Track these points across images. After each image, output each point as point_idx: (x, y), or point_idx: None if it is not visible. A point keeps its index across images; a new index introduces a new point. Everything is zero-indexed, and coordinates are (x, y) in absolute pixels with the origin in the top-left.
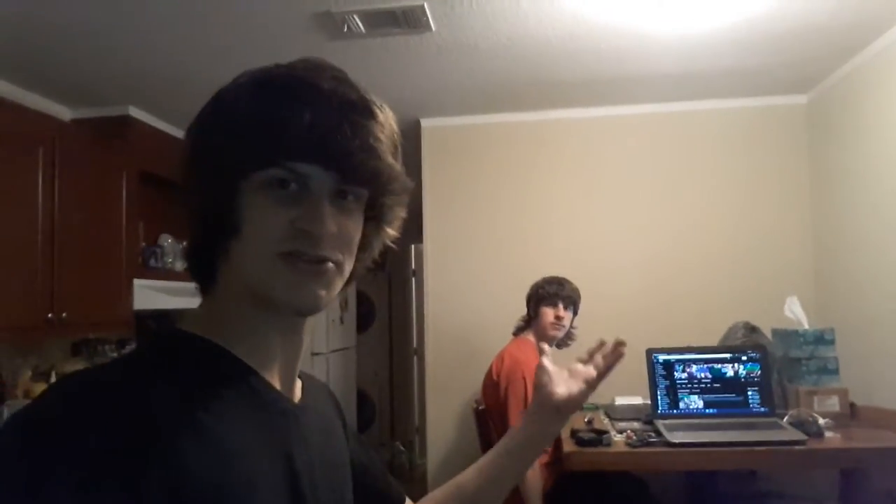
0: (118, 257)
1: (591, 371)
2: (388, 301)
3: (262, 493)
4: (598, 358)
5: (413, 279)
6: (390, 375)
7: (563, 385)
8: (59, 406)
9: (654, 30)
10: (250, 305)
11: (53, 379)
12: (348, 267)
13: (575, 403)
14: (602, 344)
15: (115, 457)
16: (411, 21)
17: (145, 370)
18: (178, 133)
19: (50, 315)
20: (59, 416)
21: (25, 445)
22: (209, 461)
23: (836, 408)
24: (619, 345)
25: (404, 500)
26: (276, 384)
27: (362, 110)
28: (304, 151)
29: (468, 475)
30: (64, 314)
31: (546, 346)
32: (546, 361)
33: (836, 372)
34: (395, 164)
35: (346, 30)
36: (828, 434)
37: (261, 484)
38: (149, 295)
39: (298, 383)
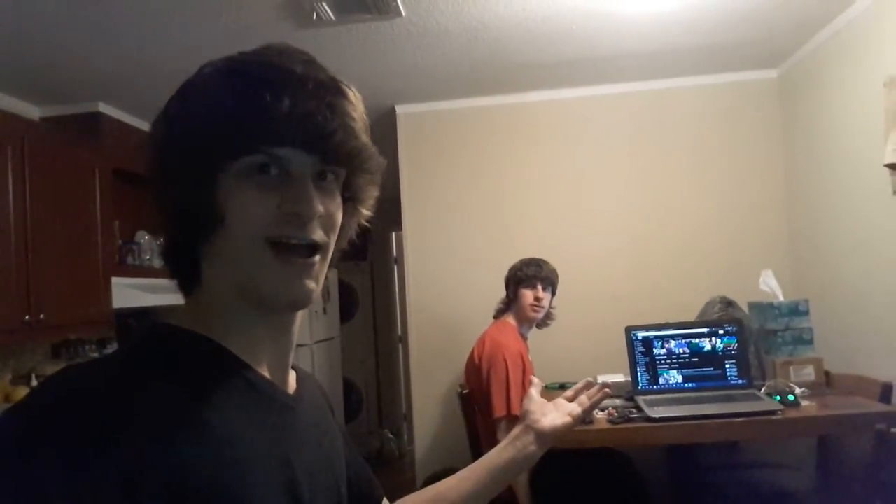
0: (94, 256)
1: (576, 408)
2: (371, 290)
3: (258, 485)
4: (583, 397)
5: (395, 267)
6: (376, 364)
7: (549, 416)
8: (56, 402)
9: (624, 9)
10: (238, 302)
11: (34, 382)
12: (332, 249)
13: (559, 435)
14: (588, 385)
15: (112, 452)
16: (381, 6)
17: (140, 364)
18: None
19: (27, 317)
20: (55, 412)
21: (21, 440)
22: (206, 453)
23: (812, 377)
24: (604, 386)
25: (382, 499)
26: (269, 377)
27: (336, 91)
28: (286, 136)
29: (448, 485)
30: (42, 316)
31: (536, 379)
32: (534, 392)
33: (810, 342)
34: (369, 142)
35: (315, 17)
36: (804, 402)
37: (258, 476)
38: (127, 293)
39: (293, 375)
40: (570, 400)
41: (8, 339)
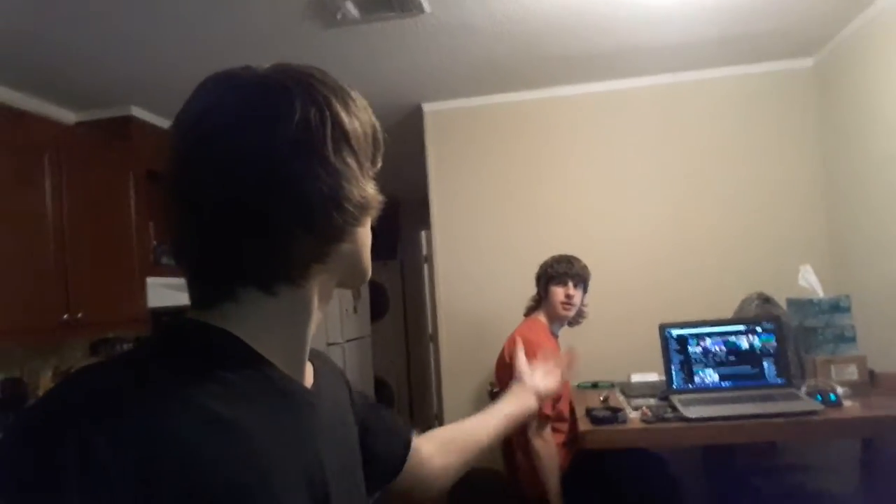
0: (130, 256)
1: (557, 372)
2: (401, 289)
3: (278, 484)
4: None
5: (426, 265)
6: (407, 363)
7: (539, 378)
8: (75, 401)
9: None
10: (332, 289)
11: None
12: None
13: (549, 394)
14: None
15: (130, 453)
16: (405, 4)
17: (163, 363)
18: None
19: (66, 316)
20: (73, 412)
21: (36, 441)
22: (229, 455)
23: (855, 376)
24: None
25: (411, 440)
26: (288, 370)
27: None
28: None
29: (475, 423)
30: (79, 315)
31: (521, 345)
32: (522, 355)
33: (853, 340)
34: None
35: (339, 17)
36: (846, 403)
37: (278, 474)
38: (162, 292)
39: (310, 367)
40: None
41: (48, 338)
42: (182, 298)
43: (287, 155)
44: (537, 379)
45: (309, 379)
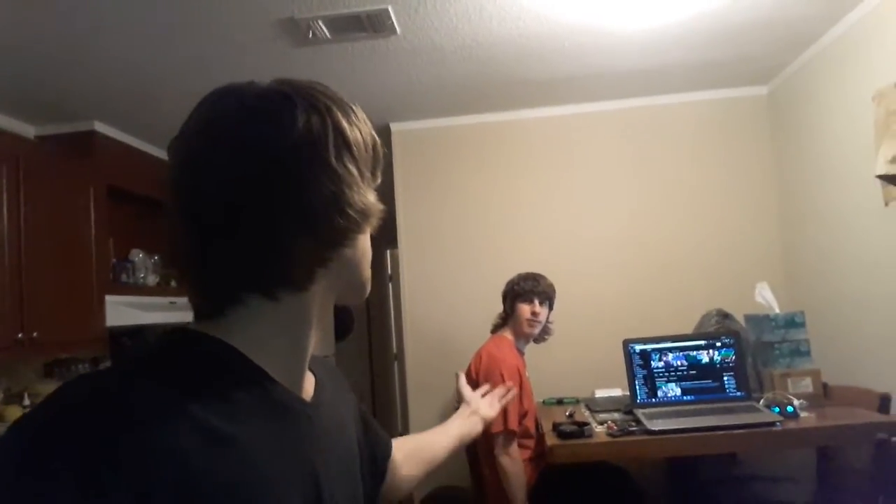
0: (88, 274)
1: (496, 402)
2: (365, 309)
3: (274, 498)
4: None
5: (390, 284)
6: (371, 383)
7: (483, 406)
8: (68, 415)
9: (615, 26)
10: (332, 301)
11: (26, 401)
12: None
13: (491, 420)
14: (493, 387)
15: (125, 468)
16: (376, 25)
17: (157, 374)
18: (145, 147)
19: (20, 335)
20: (67, 426)
21: (31, 453)
22: (224, 468)
23: (810, 389)
24: (510, 389)
25: (391, 444)
26: (286, 381)
27: None
28: None
29: (433, 438)
30: (35, 334)
31: (462, 373)
32: (463, 381)
33: (808, 354)
34: None
35: (311, 36)
36: (803, 414)
37: (274, 488)
38: (121, 311)
39: (311, 378)
40: (483, 396)
41: (1, 357)
42: (141, 317)
43: (290, 158)
44: (481, 405)
45: (309, 389)
